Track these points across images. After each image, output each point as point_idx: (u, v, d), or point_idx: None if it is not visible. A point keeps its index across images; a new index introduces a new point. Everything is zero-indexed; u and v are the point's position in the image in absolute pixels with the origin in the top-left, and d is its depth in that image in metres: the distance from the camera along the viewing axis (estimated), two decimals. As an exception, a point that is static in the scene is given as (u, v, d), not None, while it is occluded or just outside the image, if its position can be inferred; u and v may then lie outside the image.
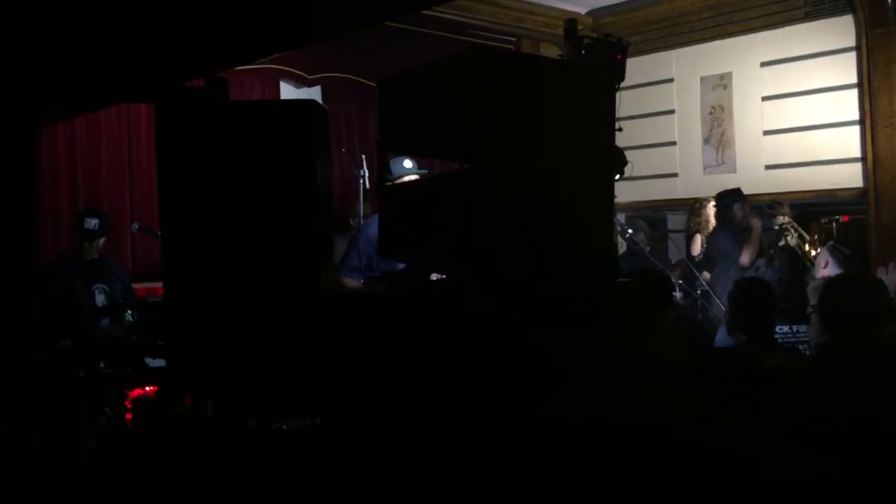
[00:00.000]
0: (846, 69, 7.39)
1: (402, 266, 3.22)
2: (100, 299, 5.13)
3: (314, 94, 8.77)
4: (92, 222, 5.47)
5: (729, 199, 6.60)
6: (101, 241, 5.51)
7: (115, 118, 7.59)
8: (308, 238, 1.88)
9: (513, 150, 1.78)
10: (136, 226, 6.61)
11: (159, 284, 6.92)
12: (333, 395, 1.68)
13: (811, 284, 4.57)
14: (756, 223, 6.26)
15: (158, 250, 7.46)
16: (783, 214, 6.83)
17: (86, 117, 7.14)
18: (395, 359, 1.60)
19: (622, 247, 6.75)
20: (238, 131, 1.84)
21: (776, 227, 6.65)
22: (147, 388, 4.05)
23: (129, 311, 4.69)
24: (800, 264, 6.24)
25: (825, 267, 4.51)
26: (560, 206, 1.86)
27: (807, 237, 6.74)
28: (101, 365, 3.05)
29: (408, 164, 4.46)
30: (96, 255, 5.45)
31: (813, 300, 3.62)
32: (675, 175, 8.56)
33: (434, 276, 2.28)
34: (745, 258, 6.19)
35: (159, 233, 6.14)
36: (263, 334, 1.76)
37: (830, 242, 5.27)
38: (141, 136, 7.79)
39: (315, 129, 1.92)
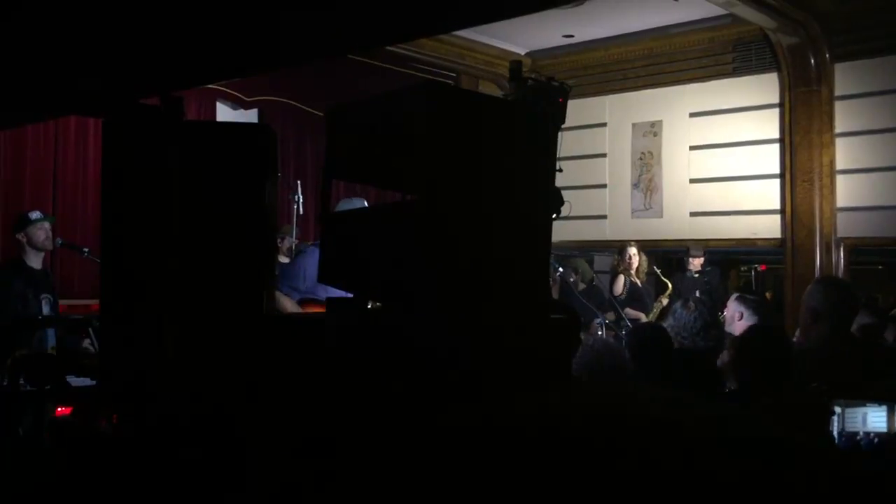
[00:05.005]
0: (769, 124, 7.73)
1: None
2: (45, 309, 4.97)
3: (251, 116, 8.69)
4: (34, 213, 5.30)
5: None
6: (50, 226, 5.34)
7: (41, 129, 7.37)
8: (253, 261, 1.88)
9: (458, 184, 1.81)
10: (59, 241, 6.40)
11: (79, 301, 6.76)
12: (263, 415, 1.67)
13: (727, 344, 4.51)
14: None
15: (80, 267, 7.25)
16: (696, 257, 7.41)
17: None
18: (327, 383, 1.61)
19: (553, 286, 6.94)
20: (189, 151, 1.83)
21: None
22: (59, 410, 3.90)
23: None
24: (716, 308, 6.45)
25: (741, 319, 4.27)
26: (500, 243, 1.89)
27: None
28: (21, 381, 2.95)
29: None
30: (52, 246, 5.28)
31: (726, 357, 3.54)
32: (605, 217, 8.77)
33: (370, 305, 2.28)
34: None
35: (84, 249, 6.01)
36: (205, 355, 1.74)
37: (735, 294, 5.15)
38: (68, 149, 7.58)
39: (266, 154, 1.93)
